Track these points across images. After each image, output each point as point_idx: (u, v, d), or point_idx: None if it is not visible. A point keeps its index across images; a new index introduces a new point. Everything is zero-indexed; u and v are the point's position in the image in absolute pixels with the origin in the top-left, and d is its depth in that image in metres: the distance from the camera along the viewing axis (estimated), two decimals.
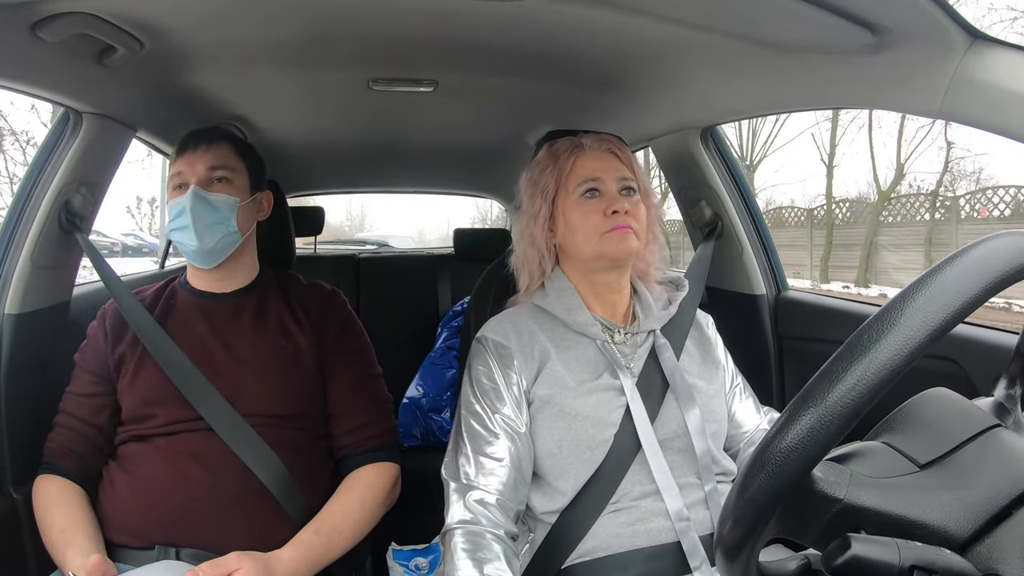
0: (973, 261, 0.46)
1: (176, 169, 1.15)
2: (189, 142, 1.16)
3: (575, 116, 1.50)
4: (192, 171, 1.13)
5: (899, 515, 0.49)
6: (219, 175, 1.15)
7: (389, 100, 1.47)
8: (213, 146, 1.16)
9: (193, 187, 1.12)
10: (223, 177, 1.15)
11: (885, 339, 0.44)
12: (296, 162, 2.09)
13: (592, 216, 1.00)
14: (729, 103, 1.32)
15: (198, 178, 1.13)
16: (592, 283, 1.05)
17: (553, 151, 1.06)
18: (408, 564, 1.40)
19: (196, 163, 1.14)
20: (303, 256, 2.37)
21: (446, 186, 2.94)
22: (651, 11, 0.95)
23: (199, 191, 1.12)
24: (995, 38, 0.79)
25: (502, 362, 0.99)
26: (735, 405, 1.10)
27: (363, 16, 1.03)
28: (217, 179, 1.15)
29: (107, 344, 1.14)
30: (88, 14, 0.92)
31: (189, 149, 1.15)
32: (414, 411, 1.95)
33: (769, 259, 1.58)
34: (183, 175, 1.14)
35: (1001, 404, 0.56)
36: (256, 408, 1.09)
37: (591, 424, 0.95)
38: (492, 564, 0.86)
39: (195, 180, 1.13)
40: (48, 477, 1.09)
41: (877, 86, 0.96)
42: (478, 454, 0.95)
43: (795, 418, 0.45)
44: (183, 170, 1.14)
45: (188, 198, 1.11)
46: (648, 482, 0.94)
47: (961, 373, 1.10)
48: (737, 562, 0.49)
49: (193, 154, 1.14)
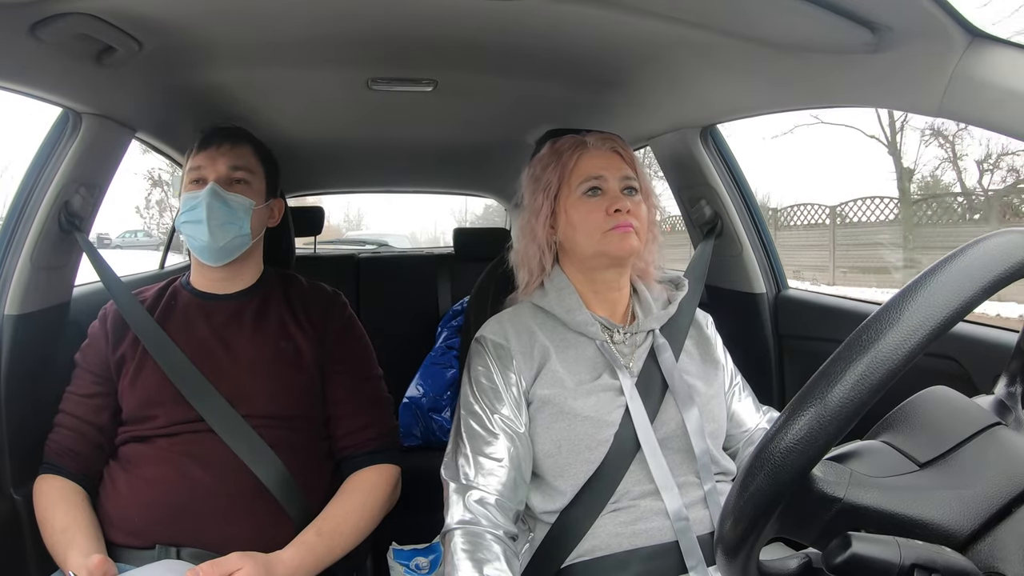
0: (972, 259, 0.46)
1: (196, 163, 1.15)
2: (213, 138, 1.16)
3: (575, 115, 1.50)
4: (213, 167, 1.14)
5: (899, 514, 0.49)
6: (239, 176, 1.15)
7: (389, 100, 1.47)
8: (237, 146, 1.16)
9: (212, 184, 1.12)
10: (242, 179, 1.16)
11: (885, 338, 0.44)
12: (296, 162, 2.09)
13: (594, 214, 1.00)
14: (729, 102, 1.32)
15: (218, 175, 1.13)
16: (592, 281, 1.05)
17: (556, 148, 1.06)
18: (409, 564, 1.41)
19: (218, 160, 1.14)
20: (303, 256, 2.37)
21: (446, 186, 2.93)
22: (651, 10, 0.95)
23: (218, 188, 1.12)
24: (995, 36, 0.78)
25: (501, 362, 0.99)
26: (734, 404, 1.10)
27: (362, 16, 1.03)
28: (236, 180, 1.15)
29: (108, 345, 1.14)
30: (87, 15, 0.92)
31: (213, 145, 1.15)
32: (414, 411, 1.95)
33: (769, 258, 1.58)
34: (203, 170, 1.14)
35: (1001, 402, 0.56)
36: (257, 409, 1.09)
37: (591, 424, 0.95)
38: (492, 564, 0.86)
39: (214, 177, 1.13)
40: (49, 477, 1.09)
41: (877, 84, 0.96)
42: (477, 454, 0.95)
43: (795, 417, 0.45)
44: (204, 165, 1.14)
45: (206, 194, 1.11)
46: (647, 482, 0.94)
47: (961, 371, 1.10)
48: (737, 561, 0.49)
49: (216, 151, 1.14)
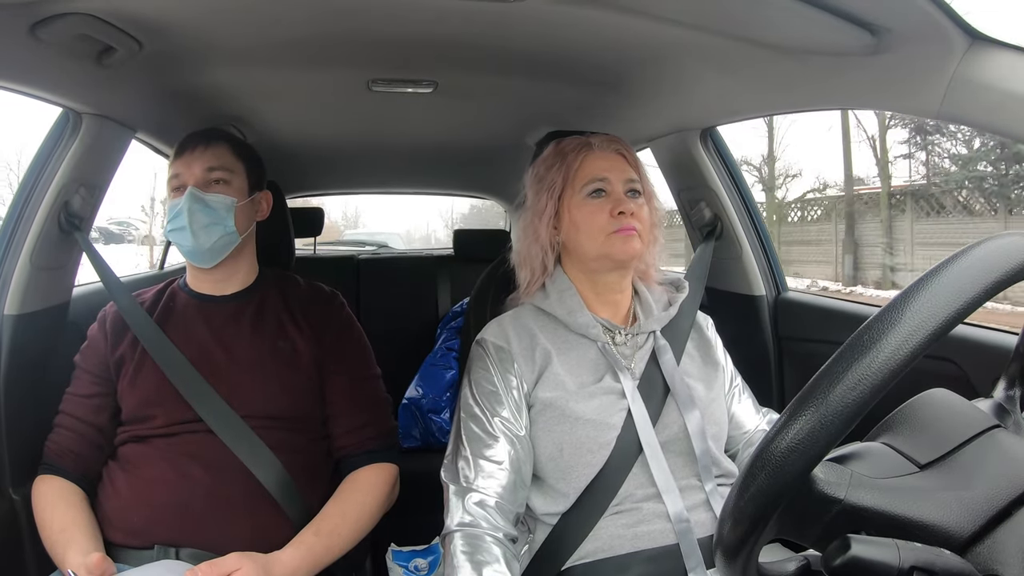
0: (973, 261, 0.46)
1: (174, 171, 1.15)
2: (187, 144, 1.16)
3: (575, 116, 1.50)
4: (189, 172, 1.14)
5: (899, 515, 0.49)
6: (216, 176, 1.15)
7: (388, 101, 1.47)
8: (211, 147, 1.16)
9: (190, 188, 1.12)
10: (220, 179, 1.15)
11: (886, 339, 0.44)
12: (295, 163, 2.09)
13: (598, 215, 1.00)
14: (729, 104, 1.32)
15: (195, 179, 1.13)
16: (594, 283, 1.05)
17: (561, 149, 1.06)
18: (407, 565, 1.41)
19: (193, 164, 1.14)
20: (302, 257, 2.37)
21: (445, 187, 2.93)
22: (651, 12, 0.95)
23: (196, 192, 1.12)
24: (995, 39, 0.79)
25: (502, 365, 0.99)
26: (734, 406, 1.10)
27: (362, 16, 1.03)
28: (214, 180, 1.15)
29: (107, 345, 1.14)
30: (87, 15, 0.92)
31: (187, 150, 1.15)
32: (413, 412, 1.94)
33: (769, 260, 1.58)
34: (181, 176, 1.14)
35: (1000, 405, 0.56)
36: (255, 409, 1.09)
37: (593, 427, 0.95)
38: (491, 567, 0.86)
39: (192, 181, 1.13)
40: (48, 477, 1.09)
41: (877, 87, 0.96)
42: (477, 457, 0.95)
43: (795, 418, 0.45)
44: (181, 171, 1.14)
45: (185, 200, 1.11)
46: (650, 484, 0.94)
47: (961, 374, 1.10)
48: (736, 563, 0.49)
49: (191, 155, 1.14)
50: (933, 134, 11.34)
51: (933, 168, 11.54)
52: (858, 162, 14.99)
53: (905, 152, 11.93)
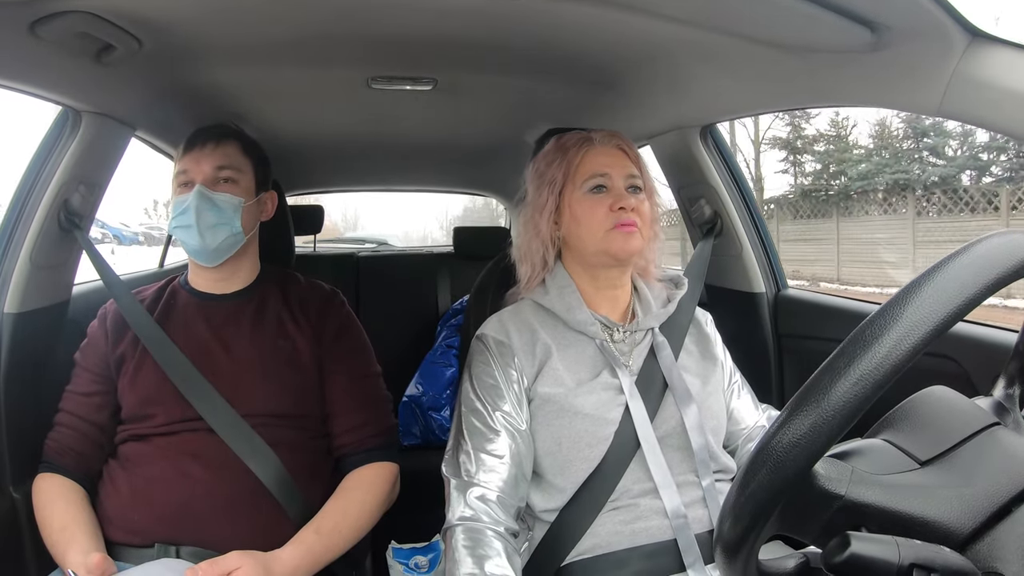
0: (974, 259, 0.46)
1: (182, 166, 1.14)
2: (197, 139, 1.15)
3: (574, 114, 1.50)
4: (198, 169, 1.13)
5: (900, 512, 0.49)
6: (225, 175, 1.14)
7: (388, 98, 1.47)
8: (221, 145, 1.15)
9: (198, 186, 1.11)
10: (229, 178, 1.14)
11: (887, 335, 0.44)
12: (295, 161, 2.09)
13: (598, 211, 1.00)
14: (728, 101, 1.32)
15: (204, 177, 1.12)
16: (594, 278, 1.05)
17: (562, 144, 1.06)
18: (408, 562, 1.41)
19: (203, 162, 1.13)
20: (303, 255, 2.37)
21: (445, 184, 2.93)
22: (650, 9, 0.95)
23: (204, 191, 1.11)
24: (995, 36, 0.78)
25: (502, 359, 0.99)
26: (733, 402, 1.10)
27: (362, 14, 1.03)
28: (223, 179, 1.14)
29: (108, 344, 1.14)
30: (87, 13, 0.92)
31: (196, 147, 1.14)
32: (414, 409, 1.95)
33: (768, 257, 1.58)
34: (189, 173, 1.13)
35: (1000, 403, 0.56)
36: (255, 408, 1.09)
37: (591, 422, 0.95)
38: (493, 561, 0.86)
39: (201, 179, 1.12)
40: (48, 476, 1.09)
41: (877, 84, 0.96)
42: (479, 451, 0.95)
43: (797, 414, 0.45)
44: (189, 168, 1.13)
45: (193, 197, 1.10)
46: (647, 480, 0.95)
47: (961, 372, 1.10)
48: (737, 560, 0.49)
49: (200, 152, 1.13)
50: (801, 153, 15.05)
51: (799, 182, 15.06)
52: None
53: (782, 168, 15.54)
